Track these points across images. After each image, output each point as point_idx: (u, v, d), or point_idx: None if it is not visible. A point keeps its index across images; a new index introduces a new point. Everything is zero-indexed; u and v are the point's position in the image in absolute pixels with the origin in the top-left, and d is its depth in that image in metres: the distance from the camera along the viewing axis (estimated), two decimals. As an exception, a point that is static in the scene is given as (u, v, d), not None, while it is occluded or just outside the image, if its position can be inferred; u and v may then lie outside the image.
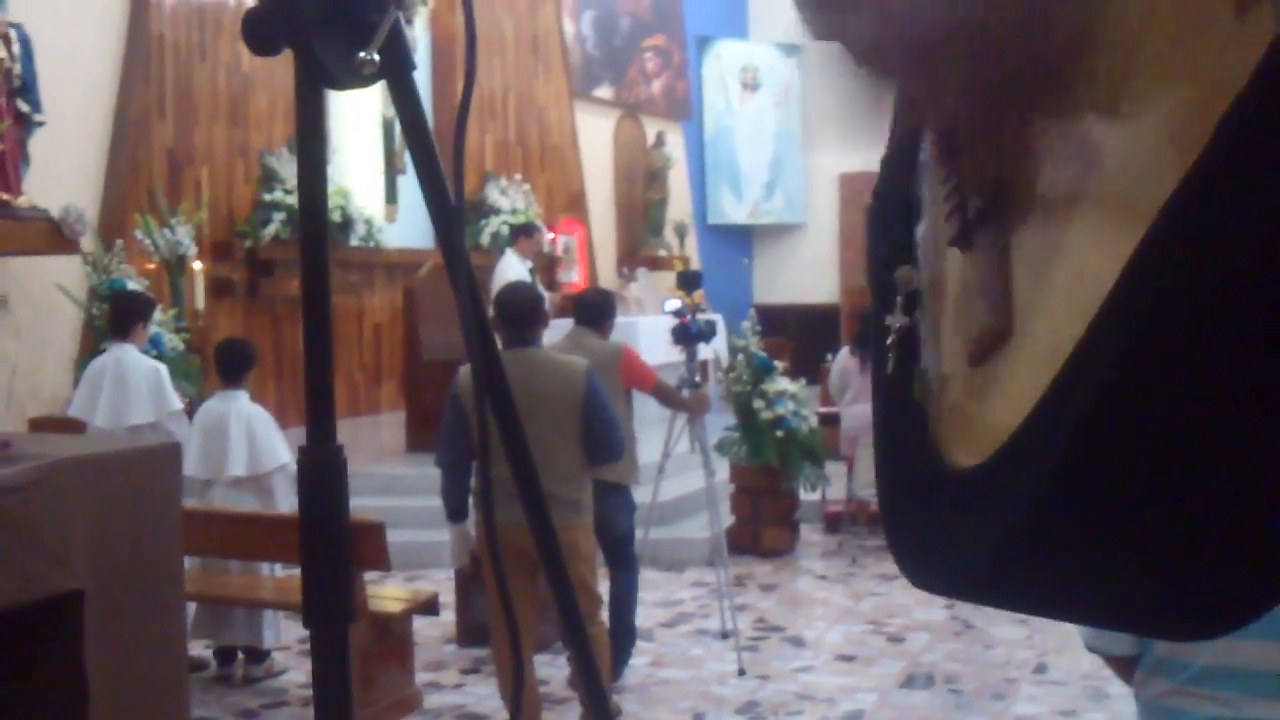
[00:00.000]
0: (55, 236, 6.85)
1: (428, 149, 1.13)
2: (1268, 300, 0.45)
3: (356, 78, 1.07)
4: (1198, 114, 0.46)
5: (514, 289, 4.55)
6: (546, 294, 6.30)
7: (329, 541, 1.07)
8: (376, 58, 1.06)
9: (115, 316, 5.88)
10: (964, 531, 0.63)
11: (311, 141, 1.08)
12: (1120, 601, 0.60)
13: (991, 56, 0.63)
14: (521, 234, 9.54)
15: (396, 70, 1.12)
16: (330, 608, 1.07)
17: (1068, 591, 0.62)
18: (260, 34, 1.05)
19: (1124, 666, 2.06)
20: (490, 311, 4.59)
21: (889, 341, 0.81)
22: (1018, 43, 0.62)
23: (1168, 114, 0.49)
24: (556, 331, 6.20)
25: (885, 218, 0.88)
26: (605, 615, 4.78)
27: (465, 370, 4.34)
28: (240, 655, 5.46)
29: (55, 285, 7.33)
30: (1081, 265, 0.55)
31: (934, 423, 0.74)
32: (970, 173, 0.69)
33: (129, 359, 5.66)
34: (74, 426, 5.53)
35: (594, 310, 5.44)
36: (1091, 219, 0.55)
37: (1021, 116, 0.63)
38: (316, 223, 1.11)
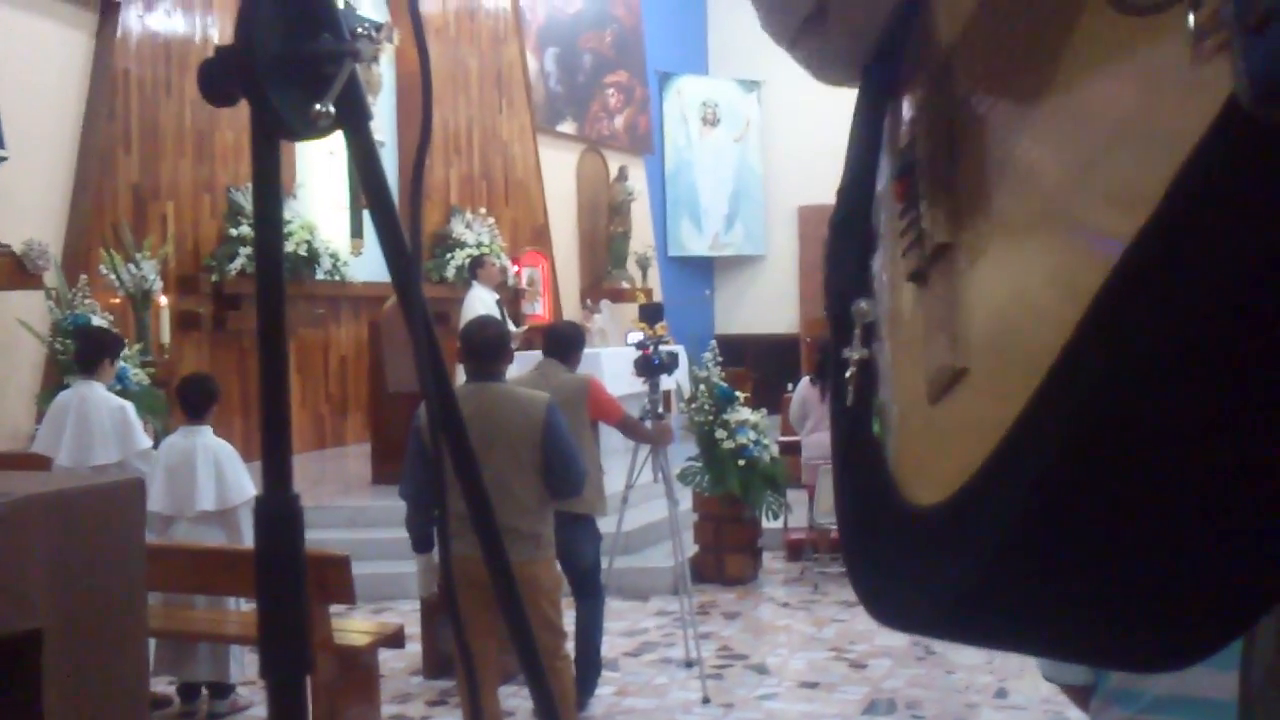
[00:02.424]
0: (18, 271, 6.85)
1: (384, 198, 1.16)
2: (1221, 355, 0.46)
3: (312, 129, 1.07)
4: (1155, 167, 0.46)
5: (481, 325, 4.59)
6: (512, 328, 6.36)
7: (285, 591, 1.07)
8: (332, 109, 1.07)
9: (82, 352, 5.83)
10: (926, 570, 0.62)
11: (267, 194, 1.09)
12: (1082, 639, 0.60)
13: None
14: (476, 266, 9.78)
15: (352, 122, 1.14)
16: (286, 657, 1.06)
17: (1031, 629, 0.61)
18: (215, 85, 1.06)
19: (1080, 695, 2.08)
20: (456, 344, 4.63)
21: (847, 375, 0.79)
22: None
23: (1123, 155, 0.50)
24: (525, 362, 6.25)
25: (842, 249, 0.85)
26: (570, 647, 4.81)
27: (429, 403, 4.37)
28: (204, 691, 5.43)
29: (17, 320, 7.31)
30: (1040, 303, 0.55)
31: (892, 458, 0.72)
32: (929, 207, 0.69)
33: (94, 397, 5.64)
34: (38, 462, 5.51)
35: (563, 342, 5.50)
36: (1049, 257, 0.55)
37: (982, 152, 0.64)
38: (273, 275, 1.10)
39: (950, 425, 0.64)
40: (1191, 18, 0.45)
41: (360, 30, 1.14)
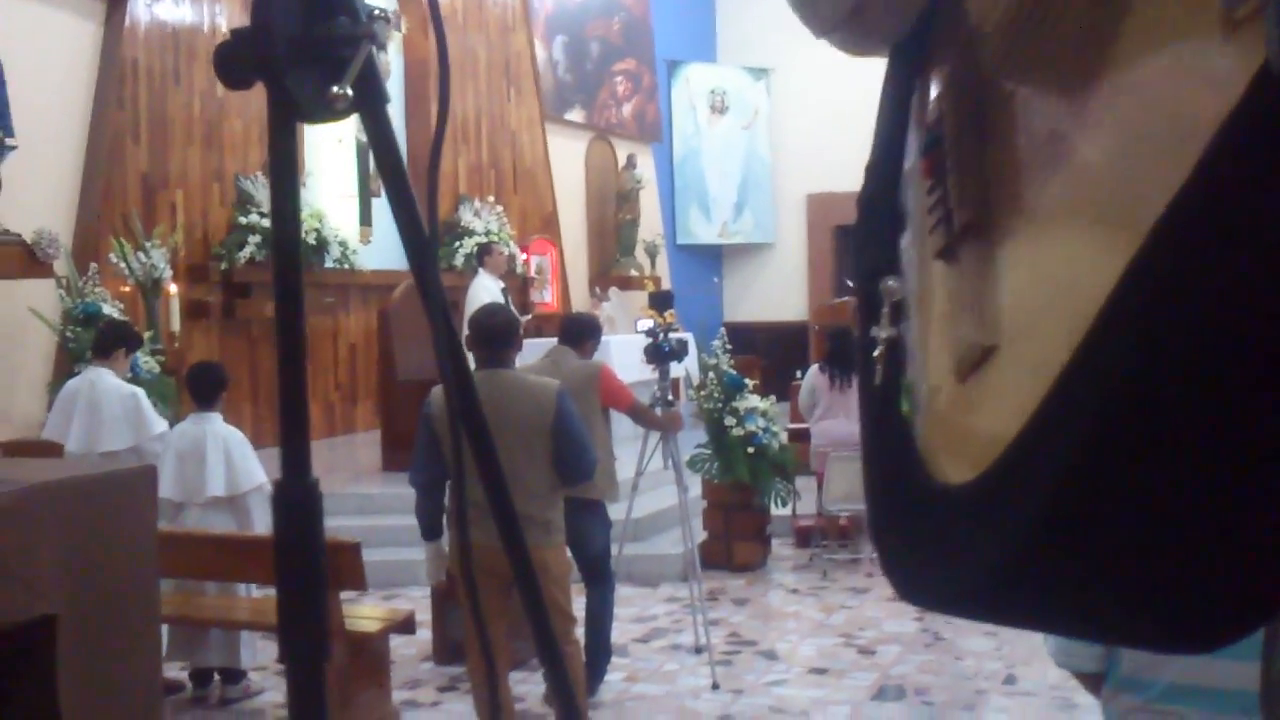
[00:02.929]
0: (29, 260, 6.87)
1: (401, 181, 1.16)
2: (1250, 328, 0.46)
3: (329, 112, 1.07)
4: (1183, 133, 0.46)
5: (490, 312, 4.61)
6: (520, 316, 6.37)
7: (305, 576, 1.07)
8: (350, 92, 1.06)
9: (102, 338, 5.92)
10: (958, 548, 0.62)
11: (284, 175, 1.09)
12: (1114, 617, 0.60)
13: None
14: (484, 254, 9.80)
15: (370, 104, 1.14)
16: (306, 644, 1.07)
17: (1064, 607, 0.61)
18: (232, 68, 1.06)
19: (1092, 682, 2.08)
20: (465, 331, 4.64)
21: (875, 353, 0.79)
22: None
23: (1152, 129, 0.50)
24: (533, 350, 6.26)
25: (870, 227, 0.84)
26: (580, 632, 4.82)
27: (437, 390, 4.38)
28: (216, 677, 5.46)
29: (28, 309, 7.34)
30: (1068, 280, 0.55)
31: (921, 437, 0.72)
32: (956, 184, 0.69)
33: (104, 384, 5.66)
34: (49, 449, 5.54)
35: (577, 330, 5.53)
36: (1078, 233, 0.55)
37: (1009, 124, 0.64)
38: (290, 257, 1.09)
39: (979, 403, 0.64)
40: None
41: (376, 14, 1.14)
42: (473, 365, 4.43)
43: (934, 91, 0.78)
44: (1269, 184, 0.44)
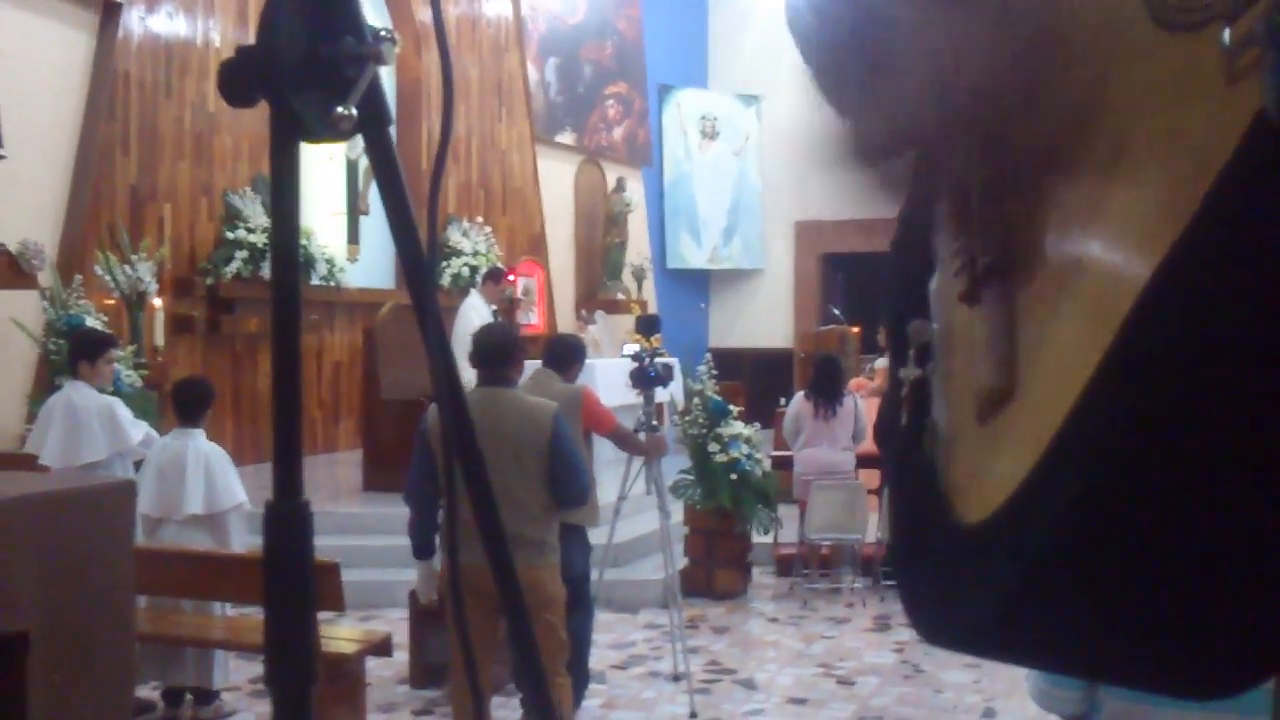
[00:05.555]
0: (12, 271, 6.82)
1: (403, 204, 1.15)
2: (1257, 366, 0.46)
3: (332, 131, 1.06)
4: (1188, 183, 0.47)
5: (493, 330, 4.62)
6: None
7: (294, 599, 1.06)
8: (354, 113, 1.06)
9: (67, 357, 5.92)
10: (969, 584, 0.63)
11: (285, 195, 1.08)
12: (1120, 657, 0.60)
13: (1000, 133, 0.66)
14: (489, 278, 9.69)
15: (373, 125, 1.13)
16: (294, 666, 1.05)
17: (1069, 646, 0.62)
18: (237, 85, 1.05)
19: None
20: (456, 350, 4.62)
21: (902, 393, 0.81)
22: (1023, 119, 0.65)
23: (1159, 183, 0.50)
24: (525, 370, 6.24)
25: (901, 270, 0.87)
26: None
27: (434, 408, 4.36)
28: (189, 696, 5.40)
29: (11, 319, 7.28)
30: (1078, 328, 0.56)
31: (943, 475, 0.74)
32: (979, 230, 0.71)
33: (79, 396, 5.64)
34: (28, 462, 5.49)
35: (562, 353, 5.52)
36: (1089, 283, 0.56)
37: (1031, 183, 0.65)
38: (289, 278, 1.07)
39: (996, 445, 0.65)
40: (1227, 33, 0.46)
41: (383, 35, 1.13)
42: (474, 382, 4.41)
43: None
44: (1265, 226, 0.44)
